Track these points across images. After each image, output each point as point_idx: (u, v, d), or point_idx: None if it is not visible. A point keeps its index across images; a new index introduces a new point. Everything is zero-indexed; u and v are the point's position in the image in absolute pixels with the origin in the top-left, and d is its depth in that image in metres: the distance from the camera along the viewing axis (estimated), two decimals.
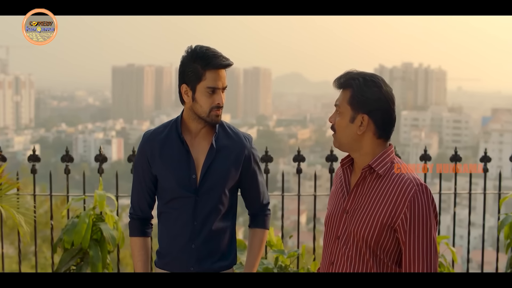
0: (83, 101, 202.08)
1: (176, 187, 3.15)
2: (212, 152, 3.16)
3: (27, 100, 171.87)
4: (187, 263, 3.16)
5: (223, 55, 3.09)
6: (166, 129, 3.23)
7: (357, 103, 2.66)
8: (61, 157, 4.67)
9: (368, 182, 2.71)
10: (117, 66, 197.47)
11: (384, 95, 2.70)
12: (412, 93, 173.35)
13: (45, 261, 15.52)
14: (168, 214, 3.22)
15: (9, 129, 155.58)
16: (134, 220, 3.31)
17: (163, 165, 3.18)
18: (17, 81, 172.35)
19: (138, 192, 3.29)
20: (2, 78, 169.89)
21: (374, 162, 2.68)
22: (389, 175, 2.66)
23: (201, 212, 3.16)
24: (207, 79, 3.06)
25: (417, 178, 2.65)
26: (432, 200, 2.63)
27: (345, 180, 2.82)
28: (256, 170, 3.31)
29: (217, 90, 3.09)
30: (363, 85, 2.67)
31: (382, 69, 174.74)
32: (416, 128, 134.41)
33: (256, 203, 3.38)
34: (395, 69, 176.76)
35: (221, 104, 3.11)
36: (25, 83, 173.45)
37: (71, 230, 4.24)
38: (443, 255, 4.54)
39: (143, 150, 3.24)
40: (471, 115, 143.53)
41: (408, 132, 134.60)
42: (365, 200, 2.69)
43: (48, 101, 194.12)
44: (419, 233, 2.57)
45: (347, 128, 2.69)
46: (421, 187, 2.61)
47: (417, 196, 2.58)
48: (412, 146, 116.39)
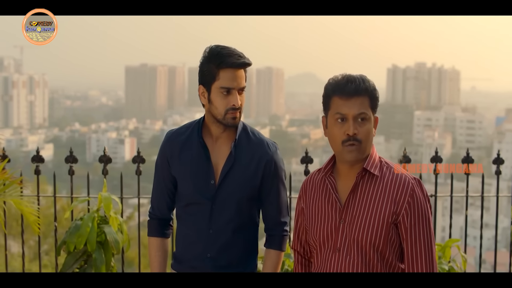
0: (96, 100, 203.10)
1: (193, 192, 3.04)
2: (230, 158, 3.02)
3: (41, 99, 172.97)
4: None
5: (239, 54, 2.94)
6: (188, 130, 3.11)
7: (375, 106, 2.65)
8: (65, 158, 4.61)
9: (362, 186, 2.66)
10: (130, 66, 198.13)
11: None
12: (425, 93, 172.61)
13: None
14: (185, 218, 3.11)
15: (23, 129, 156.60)
16: (152, 220, 3.21)
17: (181, 167, 3.07)
18: (31, 80, 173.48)
19: (158, 192, 3.18)
20: (16, 78, 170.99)
21: (367, 164, 2.64)
22: (382, 174, 2.65)
23: (217, 220, 3.03)
24: (221, 78, 2.92)
25: (409, 174, 2.66)
26: (426, 193, 2.69)
27: (332, 188, 2.71)
28: (277, 182, 3.10)
29: (232, 91, 2.93)
30: (374, 87, 2.65)
31: (395, 69, 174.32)
32: (429, 128, 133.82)
33: (272, 219, 3.15)
34: (409, 69, 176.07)
35: (236, 106, 2.94)
36: (39, 82, 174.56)
37: (74, 233, 4.16)
38: (454, 259, 4.43)
39: (164, 150, 3.13)
40: (485, 115, 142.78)
41: (421, 132, 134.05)
42: (364, 205, 2.63)
43: (62, 100, 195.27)
44: (419, 226, 2.59)
45: (371, 133, 2.65)
46: (416, 180, 2.64)
47: (415, 190, 2.61)
48: (425, 146, 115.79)
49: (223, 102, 2.94)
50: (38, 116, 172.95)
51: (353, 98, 2.59)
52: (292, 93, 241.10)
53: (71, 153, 4.59)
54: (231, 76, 2.92)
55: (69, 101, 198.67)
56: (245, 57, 2.96)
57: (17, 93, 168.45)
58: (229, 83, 2.92)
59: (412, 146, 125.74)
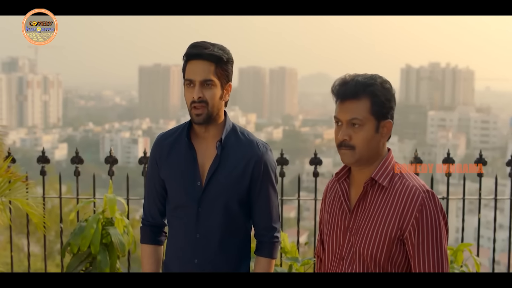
0: (110, 100, 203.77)
1: (180, 194, 2.93)
2: (216, 159, 2.89)
3: (55, 99, 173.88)
4: None
5: (206, 46, 2.80)
6: (177, 132, 3.01)
7: (381, 111, 2.44)
8: (71, 159, 4.55)
9: (370, 196, 2.49)
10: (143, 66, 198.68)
11: (393, 93, 2.50)
12: (439, 93, 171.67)
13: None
14: (173, 223, 2.99)
15: (37, 128, 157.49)
16: (145, 227, 3.10)
17: (169, 169, 2.96)
18: (46, 80, 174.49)
19: (149, 197, 3.08)
20: (31, 78, 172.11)
21: (376, 174, 2.48)
22: (392, 185, 2.46)
23: (204, 225, 2.90)
24: (186, 71, 2.84)
25: (423, 185, 2.46)
26: (440, 207, 2.44)
27: (343, 195, 2.58)
28: (267, 185, 2.95)
29: (194, 83, 2.80)
30: (382, 89, 2.45)
31: (409, 69, 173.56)
32: (443, 128, 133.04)
33: (262, 224, 2.99)
34: (422, 69, 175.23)
35: (195, 98, 2.79)
36: (53, 82, 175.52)
37: (78, 235, 4.11)
38: (466, 264, 4.32)
39: (153, 153, 3.04)
40: (499, 115, 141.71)
41: (435, 133, 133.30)
42: (370, 215, 2.48)
43: (76, 100, 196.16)
44: (428, 243, 2.38)
45: (372, 141, 2.45)
46: (428, 193, 2.42)
47: (425, 204, 2.39)
48: (439, 146, 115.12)
49: (187, 96, 2.84)
50: (52, 115, 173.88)
51: (346, 102, 2.45)
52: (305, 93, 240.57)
53: (77, 153, 4.54)
54: (192, 68, 2.81)
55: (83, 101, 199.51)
56: (217, 50, 2.81)
57: (32, 93, 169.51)
58: (189, 74, 2.82)
59: (426, 147, 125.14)
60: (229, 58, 2.86)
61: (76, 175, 4.56)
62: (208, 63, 2.80)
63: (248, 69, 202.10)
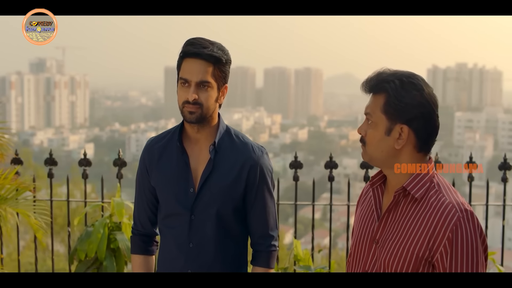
0: (136, 101, 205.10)
1: (171, 202, 2.75)
2: (209, 164, 2.72)
3: (82, 100, 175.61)
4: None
5: (205, 45, 2.64)
6: (168, 135, 2.84)
7: (394, 111, 2.19)
8: (79, 161, 4.43)
9: (402, 207, 2.24)
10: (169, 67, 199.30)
11: (427, 99, 2.20)
12: (466, 94, 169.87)
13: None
14: (165, 232, 2.81)
15: (64, 128, 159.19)
16: (134, 236, 2.94)
17: (159, 175, 2.79)
18: (73, 81, 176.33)
19: (139, 204, 2.91)
20: (58, 79, 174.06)
21: (409, 183, 2.21)
22: (427, 198, 2.19)
23: (198, 233, 2.73)
24: (181, 69, 2.66)
25: (461, 203, 2.16)
26: (480, 230, 2.13)
27: (375, 202, 2.35)
28: (263, 190, 2.78)
29: (190, 83, 2.64)
30: (400, 89, 2.18)
31: (435, 69, 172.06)
32: (470, 129, 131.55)
33: (258, 232, 2.82)
34: (449, 69, 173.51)
35: (190, 99, 2.62)
36: (80, 83, 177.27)
37: (85, 240, 3.98)
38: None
39: (143, 159, 2.87)
40: None
41: (462, 134, 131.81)
42: (398, 228, 2.23)
43: (102, 101, 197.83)
44: (462, 270, 2.10)
45: (381, 142, 2.23)
46: (466, 213, 2.11)
47: (460, 224, 2.09)
48: (466, 148, 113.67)
49: (181, 95, 2.66)
50: (79, 116, 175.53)
51: (371, 95, 2.27)
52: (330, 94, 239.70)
53: (85, 155, 4.41)
54: (189, 67, 2.64)
55: (110, 101, 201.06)
56: (216, 50, 2.65)
57: (59, 93, 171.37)
58: (185, 74, 2.65)
59: (453, 148, 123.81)
60: (227, 59, 2.70)
61: (84, 178, 4.43)
62: (206, 64, 2.64)
63: (273, 70, 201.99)
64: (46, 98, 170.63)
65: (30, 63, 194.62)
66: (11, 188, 3.92)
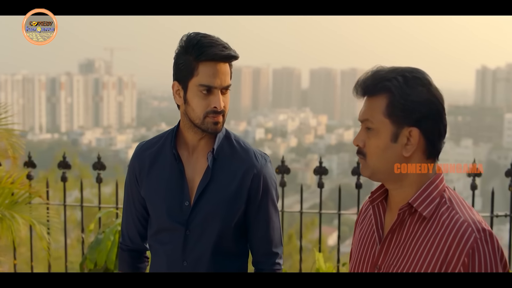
0: None
1: (164, 216, 2.46)
2: (207, 173, 2.43)
3: (129, 100, 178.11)
4: None
5: (224, 45, 2.35)
6: (160, 141, 2.54)
7: (400, 112, 1.88)
8: (93, 164, 4.24)
9: (407, 227, 1.92)
10: None
11: (435, 95, 1.90)
12: None
13: None
14: (156, 248, 2.53)
15: (112, 128, 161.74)
16: (123, 252, 2.67)
17: (150, 186, 2.50)
18: (120, 82, 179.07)
19: (127, 217, 2.63)
20: (106, 79, 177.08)
21: (416, 199, 1.89)
22: (437, 216, 1.87)
23: (193, 251, 2.44)
24: (200, 74, 2.33)
25: (478, 221, 1.83)
26: (500, 252, 1.82)
27: (376, 222, 2.02)
28: (267, 203, 2.48)
29: (214, 90, 2.34)
30: (404, 86, 1.88)
31: (484, 70, 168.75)
32: None
33: (260, 249, 2.53)
34: (499, 70, 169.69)
35: (218, 108, 2.34)
36: (128, 84, 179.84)
37: (95, 248, 3.77)
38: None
39: (132, 167, 2.57)
40: None
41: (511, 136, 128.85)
42: (404, 252, 1.89)
43: (149, 101, 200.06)
44: None
45: (387, 151, 1.90)
46: (484, 233, 1.80)
47: (478, 247, 1.78)
48: None
49: (202, 104, 2.34)
50: (126, 116, 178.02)
51: (365, 99, 1.95)
52: None
53: (99, 159, 4.22)
54: (212, 72, 2.32)
55: (156, 101, 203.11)
56: (231, 48, 2.35)
57: (107, 94, 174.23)
58: (210, 80, 2.32)
59: (502, 150, 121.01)
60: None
61: (98, 182, 4.24)
62: (228, 66, 2.38)
63: (319, 71, 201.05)
64: (94, 98, 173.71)
65: (79, 64, 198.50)
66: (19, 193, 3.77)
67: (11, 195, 3.89)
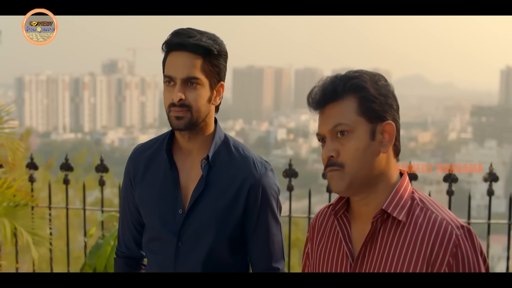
0: None
1: (155, 224, 2.30)
2: (201, 181, 2.25)
3: (152, 100, 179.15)
4: None
5: (193, 34, 2.18)
6: (156, 143, 2.38)
7: (377, 107, 1.79)
8: (95, 166, 4.13)
9: (381, 235, 1.79)
10: (237, 68, 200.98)
11: (392, 90, 1.86)
12: None
13: None
14: (149, 258, 2.37)
15: (134, 128, 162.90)
16: (118, 258, 2.52)
17: (143, 191, 2.34)
18: (143, 82, 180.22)
19: (123, 223, 2.48)
20: (129, 80, 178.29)
21: (389, 204, 1.78)
22: (413, 219, 1.77)
23: (185, 263, 2.26)
24: (166, 65, 2.21)
25: (455, 218, 1.77)
26: (480, 249, 1.76)
27: (344, 235, 1.87)
28: (266, 215, 2.29)
29: (176, 81, 2.18)
30: (373, 82, 1.81)
31: (509, 70, 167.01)
32: None
33: (259, 265, 2.33)
34: None
35: (174, 100, 2.16)
36: (150, 84, 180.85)
37: (94, 253, 3.67)
38: None
39: (127, 170, 2.42)
40: None
41: None
42: (384, 261, 1.77)
43: None
44: None
45: (367, 151, 1.78)
46: (463, 229, 1.73)
47: (460, 245, 1.70)
48: None
49: (166, 96, 2.19)
50: (148, 116, 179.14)
51: (326, 108, 1.82)
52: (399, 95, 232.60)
53: (102, 161, 4.11)
54: (173, 62, 2.17)
55: None
56: (206, 40, 2.17)
57: (130, 94, 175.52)
58: (168, 70, 2.19)
59: None
60: (220, 51, 2.22)
61: (100, 185, 4.14)
62: (194, 56, 2.16)
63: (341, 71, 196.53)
64: (117, 98, 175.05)
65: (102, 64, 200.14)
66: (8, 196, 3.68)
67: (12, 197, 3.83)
